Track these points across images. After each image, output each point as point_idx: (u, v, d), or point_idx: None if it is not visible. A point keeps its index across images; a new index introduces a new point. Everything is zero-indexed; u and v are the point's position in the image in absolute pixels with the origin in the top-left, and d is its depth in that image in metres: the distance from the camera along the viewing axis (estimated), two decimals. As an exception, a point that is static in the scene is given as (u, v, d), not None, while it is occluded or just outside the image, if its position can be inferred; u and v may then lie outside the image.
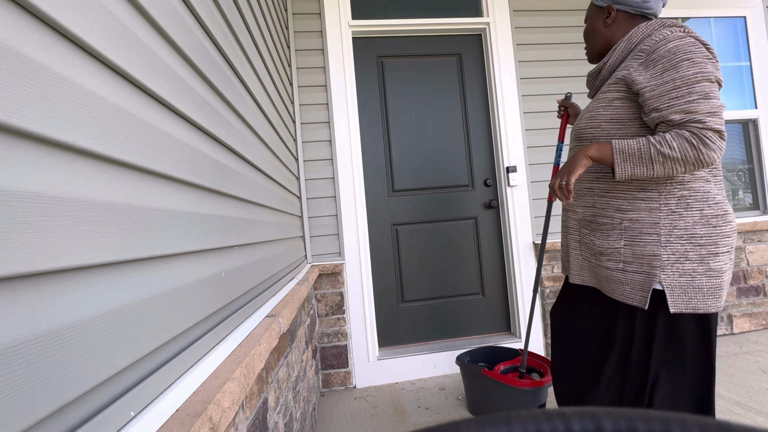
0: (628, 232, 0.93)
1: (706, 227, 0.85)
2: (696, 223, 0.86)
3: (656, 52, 0.86)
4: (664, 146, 0.83)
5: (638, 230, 0.91)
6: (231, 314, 0.73)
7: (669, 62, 0.84)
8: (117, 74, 0.43)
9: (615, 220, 0.95)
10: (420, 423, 1.56)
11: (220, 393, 0.51)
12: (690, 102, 0.81)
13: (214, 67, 0.74)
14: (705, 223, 0.86)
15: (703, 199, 0.86)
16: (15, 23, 0.29)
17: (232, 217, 0.78)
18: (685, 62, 0.83)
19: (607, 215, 0.97)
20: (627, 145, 0.88)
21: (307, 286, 1.41)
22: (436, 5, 2.18)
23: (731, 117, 2.44)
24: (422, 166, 2.16)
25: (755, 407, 1.47)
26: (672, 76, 0.83)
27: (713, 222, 0.85)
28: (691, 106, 0.81)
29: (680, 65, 0.83)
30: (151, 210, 0.47)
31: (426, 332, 2.14)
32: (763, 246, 2.36)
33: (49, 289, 0.31)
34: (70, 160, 0.34)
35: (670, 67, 0.84)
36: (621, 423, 0.15)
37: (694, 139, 0.81)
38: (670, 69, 0.83)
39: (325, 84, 2.04)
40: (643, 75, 0.87)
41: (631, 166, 0.87)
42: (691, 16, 2.45)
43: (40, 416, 0.29)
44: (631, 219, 0.93)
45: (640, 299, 0.90)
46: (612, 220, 0.96)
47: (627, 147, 0.87)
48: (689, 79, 0.82)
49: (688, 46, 0.83)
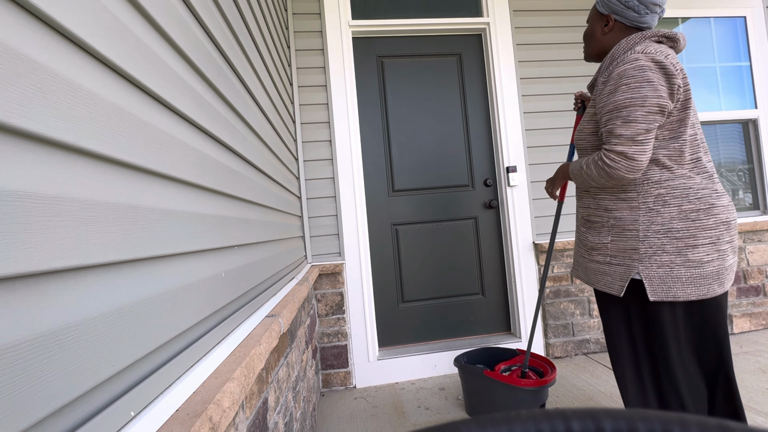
0: (615, 229, 1.02)
1: (684, 222, 0.93)
2: (674, 218, 0.94)
3: (612, 74, 0.97)
4: (585, 167, 1.03)
5: (621, 227, 1.01)
6: (231, 314, 0.73)
7: (614, 86, 0.95)
8: (117, 74, 0.43)
9: (604, 218, 1.05)
10: (420, 423, 1.56)
11: (220, 393, 0.51)
12: (612, 125, 0.94)
13: (214, 67, 0.74)
14: (683, 218, 0.93)
15: (683, 195, 0.94)
16: (15, 23, 0.29)
17: (232, 217, 0.78)
18: (622, 87, 0.93)
19: (598, 214, 1.07)
20: (573, 167, 1.09)
21: (307, 286, 1.41)
22: (436, 5, 2.18)
23: (731, 117, 2.44)
24: (422, 166, 2.16)
25: (755, 407, 1.47)
26: (611, 99, 0.95)
27: (692, 216, 0.93)
28: (611, 128, 0.95)
29: (618, 89, 0.94)
30: (151, 210, 0.47)
31: (426, 332, 2.14)
32: (763, 246, 2.36)
33: (49, 289, 0.31)
34: (70, 160, 0.34)
35: (613, 90, 0.95)
36: (621, 423, 0.15)
37: (600, 160, 0.97)
38: (613, 92, 0.95)
39: (325, 84, 2.04)
40: (600, 95, 1.00)
41: (580, 181, 1.08)
42: (691, 16, 2.45)
43: (40, 416, 0.29)
44: (616, 217, 1.02)
45: (618, 288, 1.01)
46: (602, 219, 1.06)
47: (573, 168, 1.09)
48: (619, 103, 0.93)
49: (633, 71, 0.92)
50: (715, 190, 0.94)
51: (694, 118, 0.96)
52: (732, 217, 0.94)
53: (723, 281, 0.93)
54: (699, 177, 0.94)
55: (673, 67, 0.91)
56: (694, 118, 0.96)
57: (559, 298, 2.12)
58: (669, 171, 0.95)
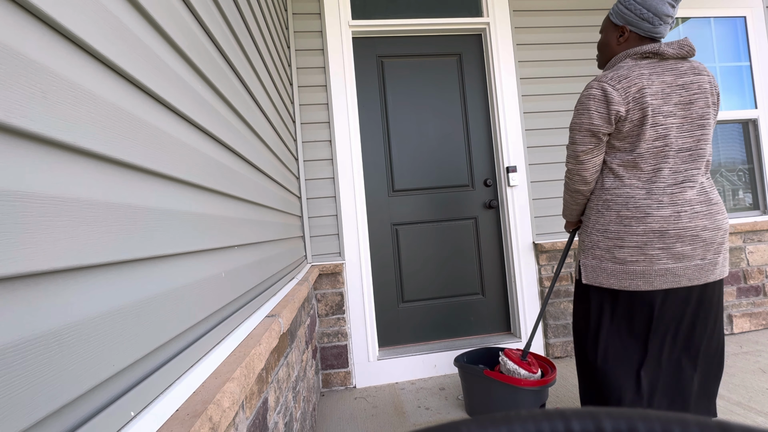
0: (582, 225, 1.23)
1: (618, 225, 1.07)
2: (612, 221, 1.09)
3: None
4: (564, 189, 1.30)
5: (584, 224, 1.21)
6: (231, 314, 0.73)
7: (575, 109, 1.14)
8: (117, 74, 0.43)
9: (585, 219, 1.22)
10: (420, 423, 1.56)
11: (220, 393, 0.51)
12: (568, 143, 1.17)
13: (214, 67, 0.74)
14: (618, 222, 1.07)
15: (623, 203, 1.07)
16: (15, 23, 0.29)
17: (232, 217, 0.78)
18: (575, 111, 1.13)
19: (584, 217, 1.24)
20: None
21: (307, 286, 1.41)
22: (436, 5, 2.18)
23: (731, 117, 2.44)
24: (422, 166, 2.16)
25: (755, 407, 1.47)
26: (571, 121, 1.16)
27: (626, 222, 1.06)
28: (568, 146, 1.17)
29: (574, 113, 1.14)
30: (151, 210, 0.47)
31: (426, 332, 2.14)
32: (763, 246, 2.36)
33: (49, 289, 0.31)
34: (70, 160, 0.34)
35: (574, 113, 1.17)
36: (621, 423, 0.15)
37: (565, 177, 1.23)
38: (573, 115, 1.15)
39: (325, 84, 2.04)
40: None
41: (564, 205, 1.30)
42: (691, 16, 2.45)
43: (40, 416, 0.29)
44: (584, 216, 1.22)
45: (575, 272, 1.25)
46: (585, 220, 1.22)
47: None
48: (570, 126, 1.14)
49: (582, 98, 1.10)
50: (660, 201, 1.03)
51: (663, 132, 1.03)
52: (669, 227, 1.02)
53: (651, 281, 1.04)
54: (645, 189, 1.05)
55: (619, 93, 1.03)
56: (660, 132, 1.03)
57: (559, 298, 2.12)
58: (619, 180, 1.08)
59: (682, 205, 1.02)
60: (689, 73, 1.04)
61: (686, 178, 1.03)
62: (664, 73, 1.03)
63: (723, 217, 1.05)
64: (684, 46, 1.04)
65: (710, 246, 1.03)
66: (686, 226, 1.01)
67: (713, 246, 1.03)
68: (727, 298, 2.31)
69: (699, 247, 1.02)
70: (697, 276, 1.03)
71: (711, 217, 1.03)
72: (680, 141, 1.03)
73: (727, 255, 1.08)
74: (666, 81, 1.03)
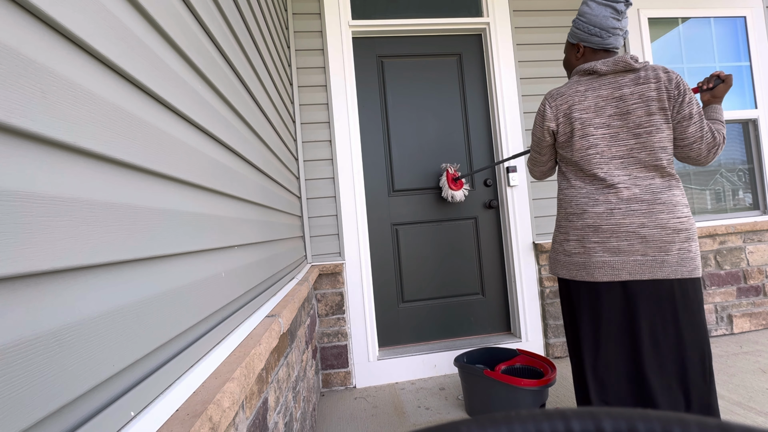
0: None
1: (565, 221, 1.21)
2: (562, 218, 1.22)
3: None
4: None
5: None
6: (231, 314, 0.73)
7: None
8: (117, 74, 0.43)
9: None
10: (420, 423, 1.56)
11: (220, 393, 0.51)
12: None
13: (214, 67, 0.74)
14: (565, 219, 1.21)
15: (567, 201, 1.21)
16: (15, 23, 0.29)
17: (231, 217, 0.78)
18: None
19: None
20: None
21: (307, 286, 1.41)
22: (436, 5, 2.18)
23: (731, 117, 2.44)
24: (422, 166, 2.16)
25: (755, 407, 1.47)
26: None
27: (570, 218, 1.19)
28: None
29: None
30: (151, 210, 0.47)
31: (426, 332, 2.14)
32: (763, 246, 2.36)
33: (49, 289, 0.31)
34: (70, 160, 0.34)
35: None
36: (621, 423, 0.15)
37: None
38: None
39: (325, 84, 2.04)
40: None
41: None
42: (691, 16, 2.45)
43: (40, 416, 0.29)
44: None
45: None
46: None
47: None
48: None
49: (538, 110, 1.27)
50: (596, 200, 1.14)
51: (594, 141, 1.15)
52: (602, 223, 1.12)
53: (592, 272, 1.14)
54: (585, 188, 1.17)
55: (552, 110, 1.21)
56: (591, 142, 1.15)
57: (559, 298, 2.12)
58: (567, 182, 1.22)
59: (616, 203, 1.12)
60: (630, 85, 1.12)
61: (622, 181, 1.12)
62: (600, 88, 1.15)
63: (671, 217, 1.08)
64: (618, 62, 1.12)
65: (651, 243, 1.09)
66: (620, 223, 1.11)
67: (655, 243, 1.08)
68: (727, 298, 2.31)
69: (637, 243, 1.09)
70: (639, 271, 1.09)
71: (651, 215, 1.09)
72: (613, 149, 1.13)
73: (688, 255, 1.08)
74: (602, 95, 1.14)
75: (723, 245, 2.33)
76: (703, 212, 2.45)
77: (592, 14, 1.15)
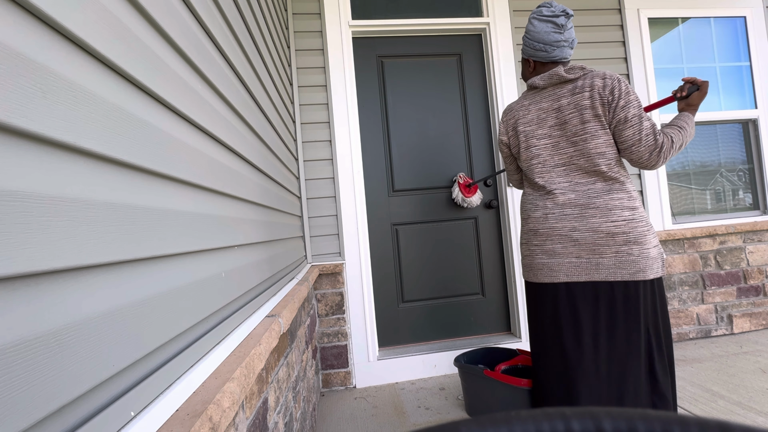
0: None
1: (522, 226, 1.29)
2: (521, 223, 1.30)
3: None
4: None
5: None
6: (231, 314, 0.73)
7: None
8: (117, 74, 0.43)
9: None
10: (420, 423, 1.56)
11: (220, 393, 0.51)
12: None
13: (214, 67, 0.74)
14: (522, 224, 1.29)
15: (521, 207, 1.31)
16: (15, 23, 0.29)
17: (231, 217, 0.78)
18: None
19: None
20: None
21: (307, 286, 1.41)
22: (436, 5, 2.18)
23: (731, 117, 2.44)
24: (422, 165, 2.16)
25: (755, 407, 1.47)
26: None
27: (522, 223, 1.29)
28: None
29: None
30: (150, 210, 0.47)
31: (426, 332, 2.14)
32: (763, 246, 2.36)
33: (49, 289, 0.31)
34: (70, 160, 0.34)
35: None
36: (621, 423, 0.15)
37: None
38: None
39: (325, 84, 2.04)
40: None
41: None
42: (691, 16, 2.45)
43: (40, 416, 0.29)
44: None
45: None
46: None
47: None
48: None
49: None
50: (536, 205, 1.22)
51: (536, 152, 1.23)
52: (539, 227, 1.20)
53: (536, 273, 1.22)
54: (532, 196, 1.25)
55: (503, 124, 1.33)
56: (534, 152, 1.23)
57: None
58: (524, 189, 1.32)
59: (551, 208, 1.18)
60: (567, 95, 1.17)
61: (560, 187, 1.18)
62: (542, 101, 1.22)
63: (604, 221, 1.10)
64: (553, 76, 1.18)
65: (584, 246, 1.13)
66: (553, 227, 1.17)
67: (588, 246, 1.12)
68: (727, 298, 2.31)
69: (570, 246, 1.15)
70: (576, 272, 1.14)
71: (583, 220, 1.13)
72: (555, 158, 1.20)
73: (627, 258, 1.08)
74: (543, 107, 1.21)
75: (723, 245, 2.33)
76: (703, 212, 2.45)
77: (535, 31, 1.20)
